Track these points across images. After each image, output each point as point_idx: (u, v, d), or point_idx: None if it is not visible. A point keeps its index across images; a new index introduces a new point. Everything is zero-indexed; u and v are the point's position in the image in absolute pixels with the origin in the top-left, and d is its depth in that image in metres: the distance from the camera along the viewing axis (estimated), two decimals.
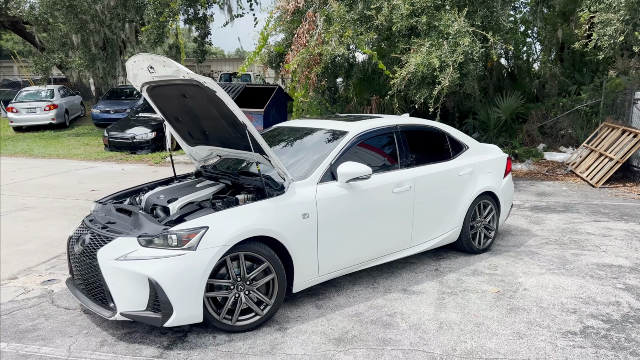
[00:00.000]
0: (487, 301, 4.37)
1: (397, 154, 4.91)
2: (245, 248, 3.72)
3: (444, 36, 9.43)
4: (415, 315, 4.10)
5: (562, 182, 10.43)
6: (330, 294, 4.51)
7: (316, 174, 4.28)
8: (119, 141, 14.68)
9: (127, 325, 3.89)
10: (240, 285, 3.74)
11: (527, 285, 4.72)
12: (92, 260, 3.74)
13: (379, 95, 13.40)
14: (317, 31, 10.23)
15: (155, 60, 3.90)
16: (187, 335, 3.76)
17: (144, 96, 4.65)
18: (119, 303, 3.57)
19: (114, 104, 19.76)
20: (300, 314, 4.12)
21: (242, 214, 3.79)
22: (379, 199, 4.58)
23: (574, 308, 4.23)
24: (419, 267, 5.20)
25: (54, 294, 4.58)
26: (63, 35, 18.07)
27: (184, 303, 3.50)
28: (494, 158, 5.86)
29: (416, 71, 8.94)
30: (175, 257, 3.50)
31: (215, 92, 3.71)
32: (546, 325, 3.91)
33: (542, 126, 13.61)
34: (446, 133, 5.52)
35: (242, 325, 3.78)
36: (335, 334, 3.78)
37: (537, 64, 16.09)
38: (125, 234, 3.72)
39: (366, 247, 4.56)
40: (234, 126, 4.13)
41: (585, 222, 7.09)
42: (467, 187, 5.42)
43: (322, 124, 5.12)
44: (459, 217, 5.35)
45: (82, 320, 4.02)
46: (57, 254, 5.75)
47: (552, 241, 6.13)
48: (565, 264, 5.30)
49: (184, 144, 5.02)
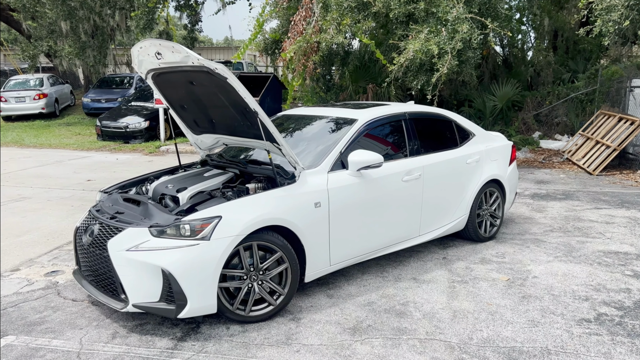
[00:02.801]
0: (498, 289, 4.36)
1: (406, 141, 4.87)
2: (259, 238, 3.67)
3: (442, 23, 9.36)
4: (428, 304, 4.07)
5: (559, 170, 10.46)
6: (341, 283, 4.48)
7: (326, 162, 4.23)
8: (111, 130, 14.47)
9: (138, 317, 3.83)
10: (253, 275, 3.69)
11: (536, 273, 4.72)
12: (102, 251, 3.66)
13: (374, 83, 13.33)
14: (314, 18, 10.12)
15: (164, 45, 3.80)
16: (200, 326, 3.70)
17: (149, 83, 4.55)
18: (131, 294, 3.50)
19: (105, 93, 19.48)
20: (312, 303, 4.08)
21: (255, 203, 3.73)
22: (389, 187, 4.54)
23: (586, 295, 4.23)
24: (426, 255, 5.18)
25: (60, 286, 4.50)
26: (51, 23, 17.73)
27: (198, 294, 3.44)
28: (500, 146, 5.83)
29: (414, 58, 8.88)
30: (189, 247, 3.44)
31: (226, 78, 3.62)
32: (560, 313, 3.91)
33: (538, 114, 13.63)
34: (453, 120, 5.48)
35: (255, 316, 3.73)
36: (350, 323, 3.74)
37: (530, 52, 16.09)
38: (135, 224, 3.64)
39: (376, 236, 4.53)
40: (244, 114, 4.05)
41: (586, 209, 7.11)
42: (474, 175, 5.39)
43: (329, 111, 5.05)
44: (466, 205, 5.33)
45: (91, 312, 3.95)
46: (59, 244, 5.65)
47: (556, 229, 6.14)
48: (571, 252, 5.31)
49: (189, 132, 4.93)
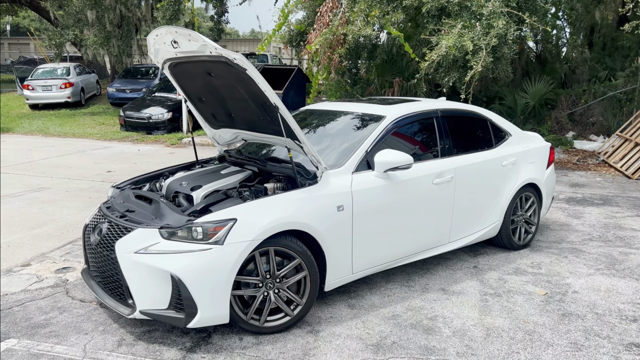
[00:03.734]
0: (535, 305, 4.01)
1: (437, 141, 4.53)
2: (276, 243, 3.39)
3: (476, 17, 8.93)
4: (459, 319, 3.75)
5: (594, 173, 9.95)
6: (363, 292, 4.18)
7: (351, 162, 3.92)
8: (134, 121, 14.39)
9: (147, 323, 3.60)
10: (269, 283, 3.42)
11: (576, 288, 4.34)
12: (109, 252, 3.43)
13: (401, 77, 12.94)
14: (342, 10, 9.78)
15: (180, 33, 3.54)
16: (212, 336, 3.45)
17: (166, 74, 4.31)
18: (138, 300, 3.26)
19: (130, 83, 19.47)
20: (332, 314, 3.80)
21: (273, 205, 3.45)
22: (418, 190, 4.21)
23: (634, 316, 3.85)
24: (455, 263, 4.84)
25: (69, 284, 4.30)
26: (78, 11, 17.72)
27: (210, 302, 3.18)
28: (537, 147, 5.44)
29: (447, 54, 8.48)
30: (201, 251, 3.18)
31: (245, 70, 3.34)
32: (606, 336, 3.54)
33: (572, 113, 13.06)
34: (488, 119, 5.11)
35: (270, 327, 3.46)
36: (373, 339, 3.45)
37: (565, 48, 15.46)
38: (146, 225, 3.40)
39: (403, 242, 4.21)
40: (264, 108, 3.77)
41: (627, 216, 6.66)
42: (510, 179, 5.02)
43: (355, 107, 4.73)
44: (500, 210, 4.97)
45: (98, 315, 3.73)
46: (72, 239, 5.48)
47: (596, 237, 5.73)
48: (614, 264, 4.90)
49: (207, 126, 4.67)
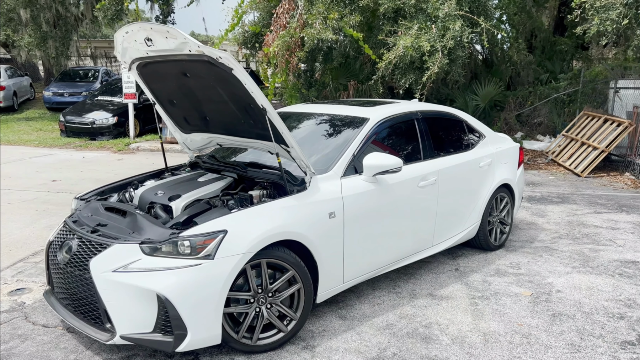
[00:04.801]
0: (524, 306, 3.98)
1: (420, 143, 4.43)
2: (268, 254, 3.16)
3: (431, 19, 9.01)
4: (454, 325, 3.65)
5: (546, 172, 10.27)
6: (351, 301, 4.01)
7: (339, 167, 3.75)
8: (77, 126, 13.60)
9: (124, 348, 3.27)
10: (261, 297, 3.19)
11: (559, 287, 4.36)
12: (82, 272, 3.09)
13: (356, 80, 12.92)
14: (299, 12, 9.60)
15: (156, 30, 3.25)
16: (199, 358, 3.17)
17: (133, 75, 3.97)
18: (118, 324, 2.94)
19: (68, 87, 18.46)
20: (324, 327, 3.60)
21: (264, 214, 3.22)
22: (405, 194, 4.10)
23: (619, 313, 3.89)
24: (437, 267, 4.77)
25: (27, 307, 3.88)
26: (10, 10, 16.59)
27: (200, 323, 2.91)
28: (509, 148, 5.47)
29: (404, 54, 8.48)
30: (190, 267, 2.90)
31: (232, 69, 3.10)
32: (599, 335, 3.55)
33: (519, 114, 13.49)
34: (464, 120, 5.08)
35: (263, 345, 3.23)
36: (372, 352, 3.28)
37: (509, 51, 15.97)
38: (123, 240, 3.08)
39: (391, 248, 4.08)
40: (246, 111, 3.53)
41: (587, 214, 6.85)
42: (487, 180, 5.01)
43: (335, 109, 4.57)
44: (478, 212, 4.94)
45: (66, 342, 3.36)
46: (23, 256, 4.99)
47: (564, 235, 5.84)
48: (588, 261, 4.99)
49: (177, 130, 4.37)
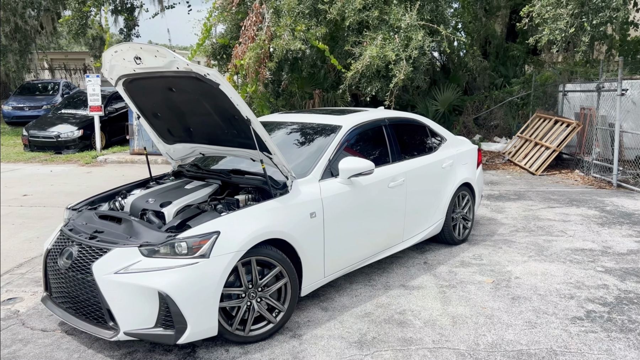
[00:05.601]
0: (487, 292, 4.41)
1: (388, 147, 4.82)
2: (257, 252, 3.47)
3: (394, 29, 9.49)
4: (425, 311, 4.03)
5: (503, 171, 10.88)
6: (331, 294, 4.35)
7: (317, 171, 4.09)
8: (41, 140, 13.50)
9: (125, 345, 3.51)
10: (251, 292, 3.48)
11: (517, 274, 4.81)
12: (84, 276, 3.32)
13: (321, 89, 13.32)
14: (266, 24, 9.93)
15: (145, 50, 3.52)
16: (196, 351, 3.44)
17: (118, 90, 4.22)
18: (121, 321, 3.19)
19: (28, 100, 18.22)
20: (308, 318, 3.92)
21: (252, 216, 3.53)
22: (377, 194, 4.47)
23: (570, 294, 4.36)
24: (407, 261, 5.16)
25: (22, 315, 4.05)
26: None
27: (199, 316, 3.19)
28: (468, 149, 5.94)
29: (371, 64, 8.92)
30: (187, 266, 3.18)
31: (219, 85, 3.41)
32: (552, 313, 3.99)
33: (477, 118, 14.16)
34: (427, 125, 5.51)
35: (255, 335, 3.52)
36: (353, 337, 3.62)
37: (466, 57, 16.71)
38: (122, 244, 3.33)
39: (366, 244, 4.44)
40: (230, 121, 3.84)
41: (541, 208, 7.41)
42: (449, 179, 5.45)
43: (308, 118, 4.91)
44: (442, 209, 5.37)
45: (67, 343, 3.57)
46: (8, 268, 5.12)
47: (520, 228, 6.34)
48: (542, 251, 5.48)
49: (160, 141, 4.63)
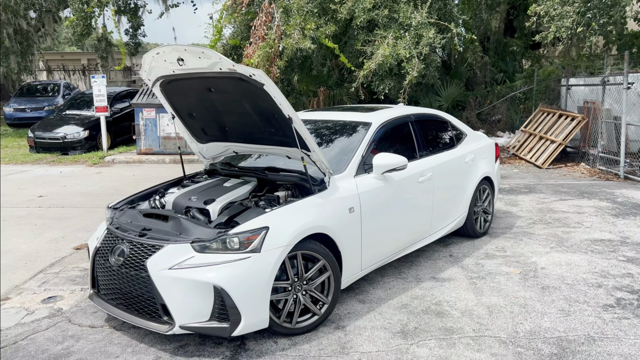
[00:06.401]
0: (516, 282, 4.54)
1: (415, 143, 4.94)
2: (303, 247, 3.57)
3: (404, 28, 9.61)
4: (460, 302, 4.16)
5: (510, 165, 11.04)
6: (366, 288, 4.46)
7: (351, 167, 4.20)
8: (47, 142, 13.53)
9: (175, 339, 3.60)
10: (297, 285, 3.59)
11: (542, 264, 4.95)
12: (138, 272, 3.41)
13: (325, 86, 13.43)
14: (276, 23, 10.02)
15: (190, 51, 3.60)
16: (246, 343, 3.55)
17: (154, 91, 4.30)
18: (177, 315, 3.29)
19: (30, 102, 18.20)
20: (348, 310, 4.04)
21: (297, 211, 3.63)
22: (408, 189, 4.59)
23: (597, 282, 4.50)
24: (433, 254, 5.28)
25: (66, 312, 4.13)
26: None
27: (252, 309, 3.30)
28: (487, 144, 6.06)
29: (384, 62, 9.03)
30: (240, 261, 3.28)
31: (263, 85, 3.51)
32: (583, 301, 4.13)
33: (480, 113, 14.32)
34: (449, 121, 5.63)
35: (301, 327, 3.63)
36: (395, 327, 3.74)
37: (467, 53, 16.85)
38: (174, 241, 3.43)
39: (398, 238, 4.56)
40: (269, 120, 3.94)
41: (554, 201, 7.56)
42: (471, 174, 5.57)
43: (337, 115, 5.02)
44: (465, 203, 5.49)
45: (118, 338, 3.66)
46: (41, 268, 5.20)
47: (537, 221, 6.48)
48: (562, 242, 5.62)
49: (194, 141, 4.71)
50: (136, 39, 15.17)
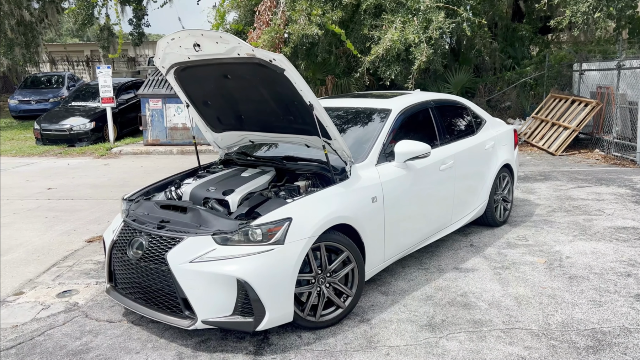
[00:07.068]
0: (542, 272, 4.41)
1: (435, 130, 4.80)
2: (326, 238, 3.45)
3: (412, 12, 9.41)
4: (486, 293, 4.04)
5: (522, 152, 10.87)
6: (387, 279, 4.35)
7: (372, 155, 4.07)
8: (53, 134, 13.42)
9: (196, 334, 3.50)
10: (320, 278, 3.48)
11: (567, 254, 4.82)
12: (158, 265, 3.30)
13: (333, 75, 13.25)
14: (281, 9, 9.84)
15: (207, 36, 3.46)
16: (269, 338, 3.44)
17: (168, 79, 4.16)
18: (199, 310, 3.18)
19: (34, 94, 18.09)
20: (371, 302, 3.93)
21: (321, 201, 3.51)
22: (430, 177, 4.46)
23: (626, 272, 4.37)
24: (453, 244, 5.16)
25: (83, 307, 4.04)
26: None
27: (276, 302, 3.19)
28: (506, 130, 5.91)
29: (392, 47, 8.86)
30: (264, 253, 3.17)
31: (284, 70, 3.37)
32: (614, 291, 4.00)
33: (489, 100, 14.11)
34: (468, 107, 5.48)
35: (325, 321, 3.52)
36: (422, 320, 3.63)
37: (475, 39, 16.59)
38: (194, 233, 3.32)
39: (420, 228, 4.44)
40: (287, 107, 3.80)
41: (571, 188, 7.41)
42: (492, 161, 5.43)
43: (355, 102, 4.88)
44: (486, 191, 5.36)
45: (138, 333, 3.57)
46: (54, 261, 5.10)
47: (557, 209, 6.34)
48: (585, 230, 5.48)
49: (208, 130, 4.57)
50: (140, 29, 14.98)
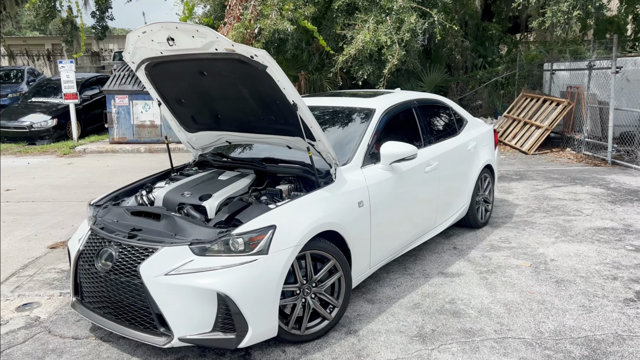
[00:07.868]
0: (529, 276, 4.31)
1: (419, 130, 4.65)
2: (312, 246, 3.24)
3: (385, 12, 9.28)
4: (474, 299, 3.91)
5: None
6: (372, 286, 4.17)
7: (358, 157, 3.88)
8: (12, 131, 12.80)
9: (171, 351, 3.24)
10: (306, 288, 3.27)
11: (551, 256, 4.74)
12: (130, 279, 3.03)
13: (305, 71, 13.02)
14: (252, 3, 9.56)
15: (182, 29, 3.21)
16: (251, 354, 3.22)
17: (138, 75, 3.87)
18: (175, 326, 2.93)
19: None
20: (357, 312, 3.74)
21: (306, 207, 3.30)
22: (415, 179, 4.30)
23: (612, 274, 4.31)
24: (436, 247, 5.03)
25: (45, 322, 3.72)
26: None
27: (260, 317, 2.96)
28: (487, 130, 5.82)
29: (364, 48, 8.70)
30: (246, 264, 2.94)
31: (265, 67, 3.15)
32: (602, 295, 3.92)
33: (462, 98, 14.14)
34: (451, 107, 5.36)
35: (311, 334, 3.31)
36: (412, 330, 3.46)
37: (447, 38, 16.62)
38: (169, 243, 3.06)
39: (406, 232, 4.28)
40: (268, 107, 3.58)
41: (547, 188, 7.40)
42: (474, 162, 5.32)
43: (337, 102, 4.68)
44: (468, 192, 5.25)
45: (107, 351, 3.29)
46: (12, 270, 4.74)
47: (536, 209, 6.30)
48: (566, 231, 5.43)
49: (182, 130, 4.30)
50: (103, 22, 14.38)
